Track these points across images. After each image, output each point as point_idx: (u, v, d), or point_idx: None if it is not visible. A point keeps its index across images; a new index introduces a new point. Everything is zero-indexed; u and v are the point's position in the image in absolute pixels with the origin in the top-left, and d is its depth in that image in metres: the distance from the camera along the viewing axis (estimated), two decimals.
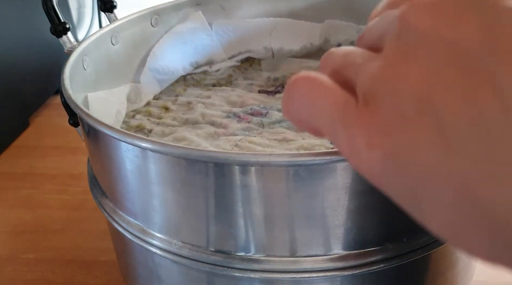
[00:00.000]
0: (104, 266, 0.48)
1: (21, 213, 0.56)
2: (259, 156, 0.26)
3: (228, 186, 0.28)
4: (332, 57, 0.20)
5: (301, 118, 0.19)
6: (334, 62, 0.20)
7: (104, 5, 0.48)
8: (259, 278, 0.30)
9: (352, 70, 0.18)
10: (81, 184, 0.59)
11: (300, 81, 0.19)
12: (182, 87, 0.49)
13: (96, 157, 0.35)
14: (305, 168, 0.26)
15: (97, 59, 0.43)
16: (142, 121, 0.44)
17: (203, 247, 0.31)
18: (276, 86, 0.48)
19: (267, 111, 0.43)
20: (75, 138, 0.46)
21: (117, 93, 0.44)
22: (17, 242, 0.52)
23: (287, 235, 0.29)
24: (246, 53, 0.53)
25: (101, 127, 0.30)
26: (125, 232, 0.34)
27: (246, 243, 0.29)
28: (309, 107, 0.19)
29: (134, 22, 0.47)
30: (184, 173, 0.28)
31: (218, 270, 0.31)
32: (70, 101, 0.33)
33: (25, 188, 0.60)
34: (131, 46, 0.47)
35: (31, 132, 0.71)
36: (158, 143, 0.28)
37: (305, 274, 0.30)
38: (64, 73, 0.36)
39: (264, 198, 0.28)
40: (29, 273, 0.48)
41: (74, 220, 0.54)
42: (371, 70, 0.17)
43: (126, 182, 0.32)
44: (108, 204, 0.35)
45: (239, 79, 0.51)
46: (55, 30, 0.42)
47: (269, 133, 0.40)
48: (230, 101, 0.46)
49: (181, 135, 0.40)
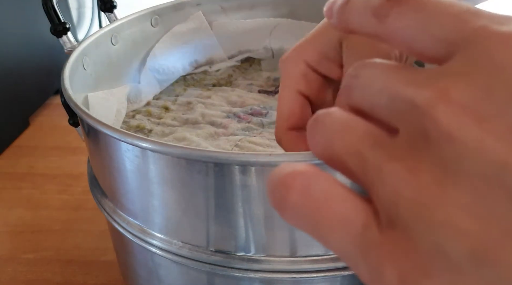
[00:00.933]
0: (104, 266, 0.48)
1: (21, 213, 0.56)
2: (259, 156, 0.26)
3: (228, 186, 0.28)
4: (321, 128, 0.15)
5: (300, 228, 0.15)
6: (326, 136, 0.15)
7: (104, 5, 0.48)
8: (259, 278, 0.30)
9: (356, 160, 0.14)
10: (81, 184, 0.59)
11: (294, 182, 0.14)
12: (182, 87, 0.49)
13: (96, 157, 0.35)
14: None
15: (97, 59, 0.43)
16: (142, 121, 0.44)
17: (203, 247, 0.31)
18: (276, 86, 0.48)
19: (267, 111, 0.43)
20: (75, 138, 0.46)
21: (117, 93, 0.44)
22: (17, 242, 0.52)
23: (287, 235, 0.29)
24: (246, 53, 0.53)
25: (101, 127, 0.30)
26: (125, 232, 0.34)
27: (246, 243, 0.29)
28: (311, 224, 0.14)
29: (134, 22, 0.47)
30: (184, 173, 0.28)
31: (218, 270, 0.31)
32: (70, 101, 0.33)
33: (25, 188, 0.60)
34: (131, 46, 0.47)
35: (31, 132, 0.71)
36: (158, 143, 0.28)
37: (305, 274, 0.30)
38: (64, 73, 0.36)
39: (264, 198, 0.28)
40: (29, 273, 0.48)
41: (74, 220, 0.54)
42: (395, 183, 0.13)
43: (126, 182, 0.32)
44: (108, 204, 0.35)
45: (239, 79, 0.51)
46: (55, 30, 0.42)
47: (269, 133, 0.40)
48: (230, 101, 0.46)
49: (181, 135, 0.40)
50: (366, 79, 0.15)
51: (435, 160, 0.13)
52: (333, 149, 0.15)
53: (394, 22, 0.15)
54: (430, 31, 0.14)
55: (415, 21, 0.15)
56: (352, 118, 0.15)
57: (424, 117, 0.13)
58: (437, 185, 0.12)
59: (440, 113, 0.13)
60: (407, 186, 0.13)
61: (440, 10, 0.14)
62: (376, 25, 0.16)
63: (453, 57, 0.14)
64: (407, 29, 0.15)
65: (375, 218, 0.14)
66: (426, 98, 0.13)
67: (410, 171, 0.13)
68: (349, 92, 0.16)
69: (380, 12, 0.15)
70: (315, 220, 0.14)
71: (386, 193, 0.13)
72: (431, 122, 0.13)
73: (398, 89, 0.14)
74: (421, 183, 0.13)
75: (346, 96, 0.16)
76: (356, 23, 0.17)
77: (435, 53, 0.14)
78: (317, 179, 0.14)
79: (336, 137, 0.15)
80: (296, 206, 0.14)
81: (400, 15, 0.15)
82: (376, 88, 0.15)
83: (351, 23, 0.17)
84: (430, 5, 0.15)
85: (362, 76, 0.15)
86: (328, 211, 0.14)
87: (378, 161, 0.14)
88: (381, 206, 0.14)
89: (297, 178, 0.14)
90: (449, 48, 0.14)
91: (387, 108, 0.14)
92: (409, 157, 0.13)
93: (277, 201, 0.15)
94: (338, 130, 0.15)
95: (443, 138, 0.12)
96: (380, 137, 0.14)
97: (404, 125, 0.14)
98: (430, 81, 0.13)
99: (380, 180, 0.14)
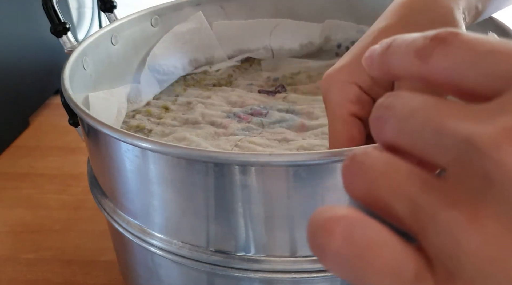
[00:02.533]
0: (104, 266, 0.48)
1: (21, 213, 0.56)
2: (259, 156, 0.26)
3: (228, 186, 0.28)
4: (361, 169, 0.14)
5: (344, 277, 0.14)
6: (368, 178, 0.14)
7: (104, 5, 0.48)
8: (259, 278, 0.30)
9: (404, 204, 0.13)
10: (81, 184, 0.59)
11: (337, 228, 0.13)
12: (182, 87, 0.49)
13: (96, 157, 0.35)
14: (305, 168, 0.26)
15: (97, 59, 0.43)
16: (142, 121, 0.44)
17: (203, 247, 0.31)
18: (276, 86, 0.48)
19: (267, 111, 0.43)
20: (75, 138, 0.46)
21: (117, 93, 0.44)
22: (17, 242, 0.52)
23: (287, 235, 0.29)
24: (246, 53, 0.53)
25: (101, 127, 0.30)
26: (125, 232, 0.34)
27: (246, 243, 0.29)
28: (355, 273, 0.13)
29: (134, 22, 0.47)
30: (184, 173, 0.28)
31: (218, 270, 0.31)
32: (70, 101, 0.33)
33: (25, 188, 0.60)
34: (131, 46, 0.47)
35: (31, 132, 0.71)
36: (158, 143, 0.28)
37: (305, 274, 0.30)
38: (64, 73, 0.36)
39: (264, 198, 0.28)
40: (29, 273, 0.48)
41: (74, 220, 0.54)
42: (455, 233, 0.12)
43: (126, 182, 0.32)
44: (108, 204, 0.35)
45: (239, 79, 0.51)
46: (55, 30, 0.42)
47: (269, 133, 0.40)
48: (230, 101, 0.46)
49: (181, 135, 0.40)
50: (403, 110, 0.14)
51: (501, 206, 0.11)
52: (376, 191, 0.14)
53: (439, 62, 0.14)
54: (480, 67, 0.14)
55: (462, 58, 0.14)
56: (394, 158, 0.14)
57: (485, 158, 0.12)
58: (506, 235, 0.11)
59: (506, 154, 0.11)
60: (470, 236, 0.12)
61: (487, 47, 0.14)
62: (420, 66, 0.15)
63: (507, 91, 0.13)
64: (454, 67, 0.14)
65: (429, 269, 0.13)
66: (487, 136, 0.12)
67: (472, 219, 0.12)
68: (382, 125, 0.14)
69: (423, 52, 0.15)
70: (360, 269, 0.13)
71: (445, 243, 0.12)
72: (495, 164, 0.11)
73: (447, 123, 0.13)
74: (487, 232, 0.12)
75: (377, 130, 0.15)
76: (398, 66, 0.16)
77: (485, 89, 0.14)
78: (361, 224, 0.13)
79: (379, 179, 0.14)
80: (339, 254, 0.13)
81: (445, 54, 0.14)
82: (418, 122, 0.13)
83: (393, 67, 0.16)
84: (476, 43, 0.14)
85: (397, 106, 0.14)
86: (375, 259, 0.13)
87: (431, 206, 0.12)
88: (436, 257, 0.12)
89: (339, 223, 0.13)
90: (501, 83, 0.13)
91: (433, 146, 0.13)
92: (468, 202, 0.12)
93: (317, 247, 0.14)
94: (380, 171, 0.14)
95: (506, 182, 0.11)
96: (429, 179, 0.13)
97: (457, 166, 0.12)
98: (487, 117, 0.12)
99: (435, 228, 0.12)
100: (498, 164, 0.11)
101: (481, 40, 0.14)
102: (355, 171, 0.14)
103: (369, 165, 0.14)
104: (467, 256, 0.12)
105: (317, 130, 0.40)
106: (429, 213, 0.12)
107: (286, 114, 0.43)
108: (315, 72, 0.50)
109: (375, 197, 0.14)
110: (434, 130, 0.13)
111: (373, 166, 0.14)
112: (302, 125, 0.41)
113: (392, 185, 0.13)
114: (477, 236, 0.12)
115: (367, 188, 0.14)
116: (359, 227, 0.13)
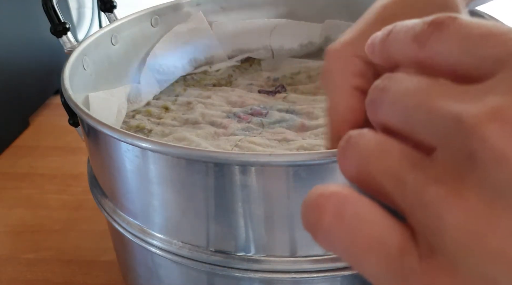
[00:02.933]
0: (104, 266, 0.48)
1: (21, 213, 0.56)
2: (259, 156, 0.26)
3: (228, 186, 0.28)
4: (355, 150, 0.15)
5: (334, 251, 0.14)
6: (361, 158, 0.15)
7: (104, 5, 0.48)
8: (259, 278, 0.30)
9: (393, 182, 0.14)
10: (81, 184, 0.59)
11: (327, 204, 0.14)
12: (182, 87, 0.49)
13: (96, 157, 0.35)
14: (305, 168, 0.26)
15: (97, 59, 0.43)
16: (142, 121, 0.44)
17: (203, 247, 0.31)
18: (276, 86, 0.48)
19: (267, 111, 0.43)
20: (75, 138, 0.46)
21: (117, 93, 0.44)
22: (17, 242, 0.52)
23: (287, 235, 0.29)
24: (246, 53, 0.53)
25: (101, 127, 0.30)
26: (125, 232, 0.34)
27: (246, 243, 0.29)
28: (344, 247, 0.14)
29: (134, 22, 0.47)
30: (184, 173, 0.28)
31: (218, 270, 0.31)
32: (70, 101, 0.33)
33: (25, 188, 0.60)
34: (131, 46, 0.47)
35: (31, 132, 0.71)
36: (158, 143, 0.28)
37: (305, 274, 0.30)
38: (64, 73, 0.36)
39: (264, 198, 0.28)
40: (29, 273, 0.48)
41: (74, 220, 0.54)
42: (439, 208, 0.12)
43: (126, 182, 0.32)
44: (108, 204, 0.35)
45: (239, 79, 0.51)
46: (55, 30, 0.42)
47: (269, 133, 0.40)
48: (230, 101, 0.46)
49: (181, 135, 0.40)
50: (397, 92, 0.14)
51: (484, 184, 0.12)
52: (368, 171, 0.14)
53: (435, 46, 0.15)
54: (475, 50, 0.14)
55: (458, 42, 0.14)
56: (387, 139, 0.14)
57: (471, 136, 0.12)
58: (487, 211, 0.12)
59: (491, 132, 0.12)
60: (452, 212, 0.12)
61: (483, 31, 0.14)
62: (417, 51, 0.15)
63: (499, 73, 0.13)
64: (450, 51, 0.14)
65: (414, 244, 0.13)
66: (474, 115, 0.12)
67: (455, 195, 0.12)
68: (377, 107, 0.15)
69: (421, 37, 0.15)
70: (348, 244, 0.13)
71: (428, 218, 0.12)
72: (480, 142, 0.12)
73: (438, 104, 0.13)
74: (468, 208, 0.12)
75: (372, 112, 0.15)
76: (397, 52, 0.16)
77: (480, 71, 0.14)
78: (351, 201, 0.14)
79: (371, 159, 0.14)
80: (329, 229, 0.14)
81: (441, 39, 0.14)
82: (411, 103, 0.14)
83: (393, 53, 0.16)
84: (472, 27, 0.14)
85: (392, 89, 0.15)
86: (362, 233, 0.13)
87: (418, 183, 0.13)
88: (421, 232, 0.13)
89: (330, 199, 0.14)
90: (494, 65, 0.13)
91: (424, 125, 0.13)
92: (453, 179, 0.12)
93: (309, 223, 0.14)
94: (373, 151, 0.14)
95: (494, 160, 0.11)
96: (418, 158, 0.13)
97: (445, 144, 0.13)
98: (477, 97, 0.12)
99: (421, 204, 0.13)
100: (483, 141, 0.12)
101: (478, 23, 0.14)
102: (349, 152, 0.15)
103: (363, 145, 0.14)
104: (448, 231, 0.12)
105: (317, 130, 0.40)
106: (415, 189, 0.13)
107: (286, 114, 0.43)
108: (315, 72, 0.50)
109: (367, 176, 0.14)
110: (426, 110, 0.13)
111: (366, 147, 0.14)
112: (302, 125, 0.41)
113: (383, 164, 0.14)
114: (458, 211, 0.12)
115: (359, 168, 0.14)
116: (349, 203, 0.14)
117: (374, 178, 0.14)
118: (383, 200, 0.14)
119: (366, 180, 0.14)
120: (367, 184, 0.14)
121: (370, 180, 0.14)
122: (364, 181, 0.14)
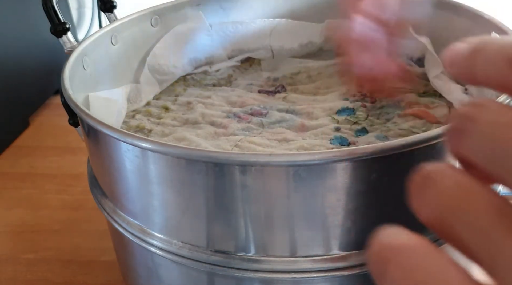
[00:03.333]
0: (104, 266, 0.48)
1: (21, 213, 0.56)
2: (259, 156, 0.26)
3: (228, 186, 0.28)
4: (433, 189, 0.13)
5: None
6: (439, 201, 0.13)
7: (104, 5, 0.48)
8: (259, 278, 0.30)
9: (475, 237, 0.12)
10: (81, 184, 0.59)
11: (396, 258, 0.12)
12: (182, 87, 0.49)
13: (96, 157, 0.35)
14: (305, 168, 0.26)
15: (97, 59, 0.43)
16: (142, 121, 0.44)
17: (203, 247, 0.31)
18: (276, 86, 0.48)
19: (267, 111, 0.43)
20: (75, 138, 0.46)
21: (117, 93, 0.44)
22: (17, 242, 0.52)
23: (287, 235, 0.29)
24: (246, 53, 0.53)
25: (101, 127, 0.30)
26: (125, 232, 0.34)
27: (246, 243, 0.29)
28: None
29: (134, 22, 0.47)
30: (184, 173, 0.28)
31: (218, 270, 0.31)
32: (70, 101, 0.33)
33: (25, 188, 0.60)
34: (131, 46, 0.47)
35: (31, 132, 0.71)
36: (158, 143, 0.28)
37: (305, 274, 0.30)
38: (64, 73, 0.36)
39: (264, 198, 0.28)
40: (29, 273, 0.48)
41: (74, 220, 0.54)
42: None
43: (126, 182, 0.32)
44: (108, 204, 0.35)
45: (239, 79, 0.51)
46: (55, 30, 0.42)
47: (269, 133, 0.40)
48: (230, 101, 0.46)
49: (181, 135, 0.40)
50: (489, 125, 0.12)
51: None
52: (446, 217, 0.13)
53: None
54: None
55: None
56: (470, 181, 0.13)
57: None
58: None
59: None
60: None
61: None
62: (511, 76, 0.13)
63: None
64: None
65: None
66: None
67: None
68: (461, 138, 0.13)
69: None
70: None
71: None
72: None
73: None
74: None
75: (455, 142, 0.13)
76: (486, 73, 0.14)
77: None
78: (423, 256, 0.12)
79: (452, 207, 0.13)
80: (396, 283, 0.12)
81: None
82: (505, 142, 0.12)
83: (480, 74, 0.14)
84: None
85: (483, 120, 0.12)
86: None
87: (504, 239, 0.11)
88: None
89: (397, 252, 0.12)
90: None
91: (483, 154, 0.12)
92: None
93: (375, 272, 0.13)
94: (454, 197, 0.13)
95: None
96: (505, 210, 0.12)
97: None
98: None
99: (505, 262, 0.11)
100: None
101: None
102: (426, 192, 0.13)
103: (442, 187, 0.13)
104: None
105: (317, 130, 0.40)
106: (501, 246, 0.11)
107: (286, 114, 0.43)
108: (315, 72, 0.50)
109: (444, 222, 0.13)
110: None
111: (447, 190, 0.13)
112: (302, 125, 0.41)
113: (466, 216, 0.12)
114: None
115: (437, 211, 0.13)
116: (421, 259, 0.12)
117: (453, 227, 0.12)
118: (459, 250, 0.13)
119: (442, 226, 0.13)
120: (443, 230, 0.13)
121: (448, 228, 0.13)
122: (439, 226, 0.13)
